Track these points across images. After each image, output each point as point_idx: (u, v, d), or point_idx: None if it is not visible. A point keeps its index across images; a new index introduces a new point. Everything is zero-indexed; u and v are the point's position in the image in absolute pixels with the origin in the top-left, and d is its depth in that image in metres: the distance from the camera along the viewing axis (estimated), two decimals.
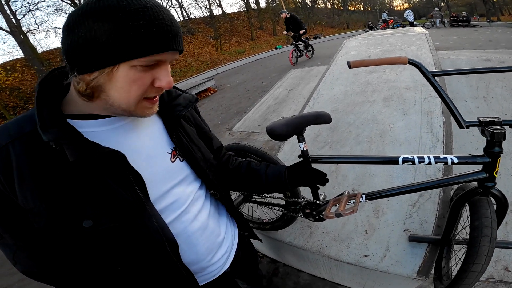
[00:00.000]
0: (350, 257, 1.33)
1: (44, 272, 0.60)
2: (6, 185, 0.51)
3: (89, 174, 0.55)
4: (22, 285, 2.10)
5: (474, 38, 9.16)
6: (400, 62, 0.94)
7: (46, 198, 0.53)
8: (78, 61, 0.49)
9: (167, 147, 0.70)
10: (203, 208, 0.77)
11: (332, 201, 1.08)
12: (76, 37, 0.47)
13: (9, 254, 0.58)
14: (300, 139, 1.19)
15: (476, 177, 0.93)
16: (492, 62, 2.82)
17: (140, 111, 0.56)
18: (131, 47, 0.47)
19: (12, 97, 11.85)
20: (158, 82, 0.53)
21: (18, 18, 13.28)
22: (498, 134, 0.84)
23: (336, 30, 30.04)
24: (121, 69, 0.49)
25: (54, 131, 0.51)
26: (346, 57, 3.27)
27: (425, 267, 1.20)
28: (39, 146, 0.52)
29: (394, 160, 1.02)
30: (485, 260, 0.90)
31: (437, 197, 1.43)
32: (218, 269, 0.81)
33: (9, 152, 0.51)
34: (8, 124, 0.55)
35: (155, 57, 0.50)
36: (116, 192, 0.57)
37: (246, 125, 4.03)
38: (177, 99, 0.73)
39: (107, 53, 0.47)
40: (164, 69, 0.54)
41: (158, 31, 0.48)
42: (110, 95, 0.52)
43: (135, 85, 0.51)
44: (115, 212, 0.57)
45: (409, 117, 1.96)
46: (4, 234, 0.56)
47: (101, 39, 0.46)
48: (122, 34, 0.46)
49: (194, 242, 0.73)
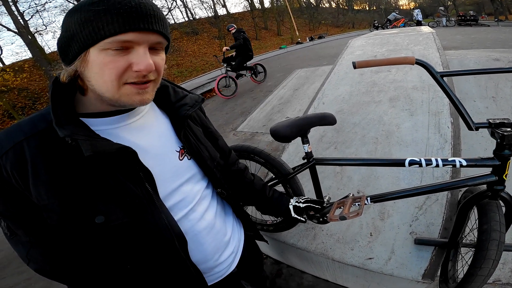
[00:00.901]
0: (354, 260, 1.31)
1: (57, 270, 0.61)
2: (20, 182, 0.52)
3: (101, 169, 0.56)
4: (28, 284, 2.14)
5: (482, 37, 9.03)
6: (407, 62, 0.92)
7: (60, 194, 0.54)
8: (62, 55, 0.54)
9: (175, 146, 0.71)
10: (210, 207, 0.78)
11: (336, 203, 1.07)
12: (61, 34, 0.53)
13: (23, 252, 0.58)
14: (304, 141, 1.18)
15: (485, 180, 0.91)
16: (501, 61, 2.77)
17: (126, 99, 0.55)
18: (93, 31, 0.49)
19: (21, 97, 12.04)
20: (136, 66, 0.52)
21: (26, 19, 13.49)
22: (508, 136, 0.82)
23: (341, 30, 29.93)
24: (92, 53, 0.51)
25: (70, 127, 0.52)
26: (352, 57, 3.25)
27: (431, 270, 1.19)
28: (53, 144, 0.54)
29: (400, 163, 1.00)
30: (492, 264, 0.88)
31: (444, 199, 1.40)
32: (225, 269, 0.82)
33: (23, 149, 0.53)
34: (22, 122, 0.56)
35: (119, 38, 0.50)
36: (127, 188, 0.58)
37: (251, 126, 4.03)
38: (183, 99, 0.74)
39: (76, 40, 0.50)
40: (141, 52, 0.53)
41: (119, 12, 0.49)
42: (92, 84, 0.54)
43: (107, 68, 0.51)
44: (126, 208, 0.59)
45: (416, 117, 1.93)
46: (17, 231, 0.56)
47: (72, 31, 0.50)
48: (86, 20, 0.49)
49: (201, 241, 0.73)
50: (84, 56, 0.51)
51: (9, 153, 0.52)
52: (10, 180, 0.52)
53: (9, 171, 0.52)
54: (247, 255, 0.94)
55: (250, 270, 1.03)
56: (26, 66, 13.33)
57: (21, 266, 2.40)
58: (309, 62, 8.21)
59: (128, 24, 0.49)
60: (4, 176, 0.52)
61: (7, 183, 0.52)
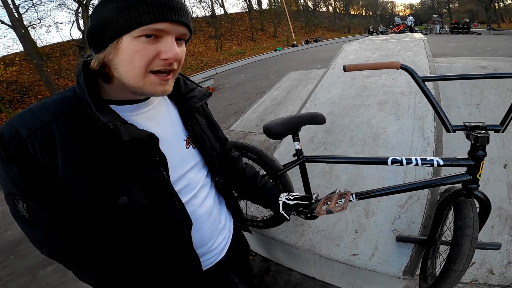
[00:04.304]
0: (340, 256, 1.36)
1: (71, 253, 0.61)
2: (49, 162, 0.54)
3: (127, 153, 0.60)
4: (11, 279, 2.10)
5: (472, 45, 9.27)
6: (393, 67, 0.98)
7: (88, 175, 0.56)
8: (94, 42, 0.56)
9: (182, 135, 0.76)
10: (209, 194, 0.84)
11: (323, 199, 1.12)
12: (92, 22, 0.55)
13: (39, 235, 0.58)
14: (295, 139, 1.22)
15: (460, 179, 0.97)
16: (487, 69, 2.86)
17: (150, 88, 0.58)
18: (130, 19, 0.51)
19: (9, 90, 11.79)
20: (164, 54, 0.56)
21: (20, 12, 13.23)
22: (481, 138, 0.88)
23: (336, 34, 30.19)
24: (125, 41, 0.53)
25: (108, 113, 0.56)
26: (345, 61, 3.31)
27: (411, 267, 1.24)
28: (80, 126, 0.56)
29: (383, 161, 1.06)
30: (466, 259, 0.93)
31: (425, 199, 1.47)
32: (216, 255, 0.87)
33: (52, 129, 0.54)
34: (45, 104, 0.57)
35: (153, 26, 0.53)
36: (147, 171, 0.63)
37: (243, 125, 4.06)
38: (193, 92, 0.78)
39: (111, 28, 0.52)
40: (169, 41, 0.56)
41: (155, 3, 0.52)
42: (119, 71, 0.56)
43: (138, 55, 0.54)
44: (146, 190, 0.63)
45: (402, 121, 2.00)
46: (40, 211, 0.56)
47: (107, 18, 0.52)
48: (122, 9, 0.51)
49: (200, 225, 0.78)
50: (116, 43, 0.54)
51: (38, 133, 0.53)
52: (38, 160, 0.53)
53: (38, 151, 0.53)
54: (236, 246, 0.99)
55: (237, 260, 1.07)
56: (17, 59, 13.05)
57: (4, 261, 2.39)
58: (304, 64, 8.29)
59: (162, 15, 0.53)
60: (32, 155, 0.53)
61: (34, 162, 0.53)
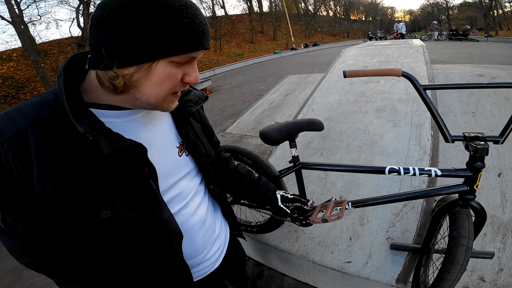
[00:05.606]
0: (334, 263, 1.35)
1: (51, 264, 0.58)
2: (22, 172, 0.49)
3: (110, 164, 0.55)
4: None
5: (470, 52, 9.35)
6: (394, 74, 0.97)
7: (66, 187, 0.51)
8: (119, 54, 0.47)
9: (175, 141, 0.71)
10: (202, 203, 0.79)
11: (319, 206, 1.10)
12: (118, 29, 0.45)
13: (16, 245, 0.55)
14: (292, 145, 1.21)
15: (457, 189, 0.96)
16: (485, 77, 2.88)
17: (166, 105, 0.58)
18: (174, 44, 0.48)
19: (5, 85, 11.71)
20: (187, 78, 0.55)
21: (21, 8, 13.16)
22: (481, 149, 0.87)
23: (336, 38, 30.38)
24: (160, 65, 0.50)
25: (88, 122, 0.50)
26: (343, 66, 3.32)
27: (404, 275, 1.23)
28: (58, 133, 0.51)
29: (381, 170, 1.05)
30: (460, 269, 0.92)
31: (420, 207, 1.46)
32: (210, 266, 0.83)
33: (27, 136, 0.49)
34: (22, 108, 0.51)
35: (191, 54, 0.51)
36: (133, 183, 0.58)
37: (240, 128, 4.05)
38: (188, 95, 0.74)
39: (149, 48, 0.47)
40: (194, 65, 0.55)
41: (198, 30, 0.49)
42: (141, 91, 0.52)
43: (169, 80, 0.52)
44: (132, 203, 0.58)
45: (399, 129, 2.00)
46: (16, 223, 0.53)
47: (144, 34, 0.46)
48: (167, 30, 0.46)
49: (193, 235, 0.74)
50: (150, 64, 0.49)
51: (11, 140, 0.48)
52: (11, 170, 0.48)
53: (11, 160, 0.48)
54: (232, 255, 0.95)
55: (233, 270, 1.04)
56: (15, 55, 12.99)
57: None
58: (302, 68, 8.31)
59: (201, 43, 0.51)
60: (5, 165, 0.48)
61: (7, 173, 0.48)
